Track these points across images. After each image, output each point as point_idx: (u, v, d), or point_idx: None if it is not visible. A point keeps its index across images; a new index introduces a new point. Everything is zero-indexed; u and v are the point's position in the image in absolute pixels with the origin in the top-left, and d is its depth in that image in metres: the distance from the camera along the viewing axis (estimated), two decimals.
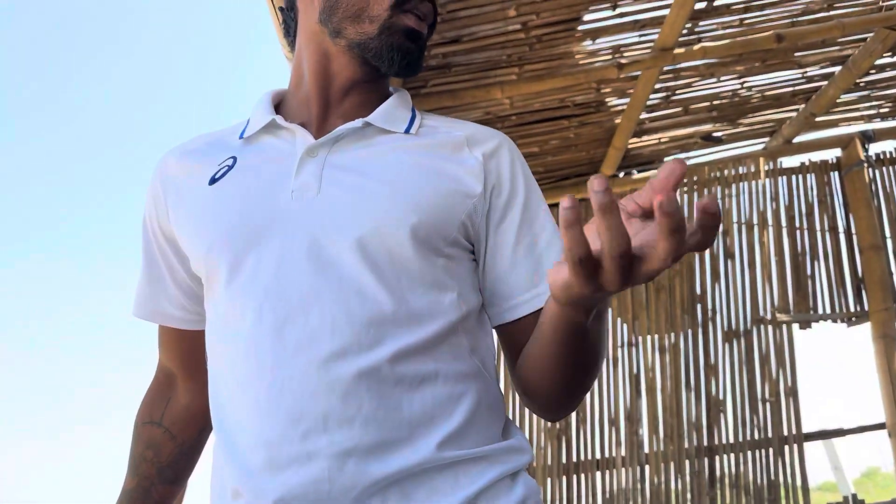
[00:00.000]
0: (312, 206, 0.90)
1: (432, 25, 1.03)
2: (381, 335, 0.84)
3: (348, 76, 1.01)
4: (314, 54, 1.02)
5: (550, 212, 1.01)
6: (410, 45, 0.97)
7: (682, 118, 3.82)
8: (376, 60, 0.98)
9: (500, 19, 2.77)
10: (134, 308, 1.08)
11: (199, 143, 1.03)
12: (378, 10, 0.97)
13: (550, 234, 0.97)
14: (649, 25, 3.00)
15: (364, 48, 0.98)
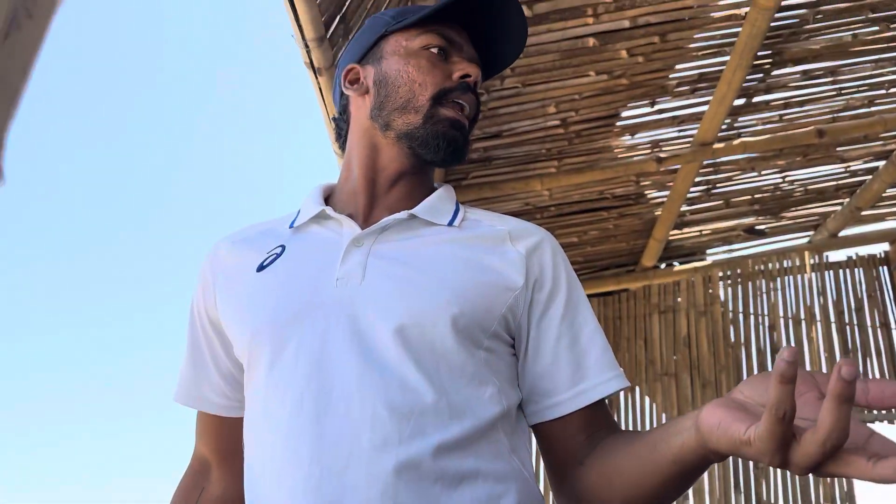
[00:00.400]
0: (356, 294, 0.90)
1: (475, 117, 1.05)
2: (422, 427, 0.83)
3: (396, 168, 1.04)
4: (364, 149, 1.05)
5: (591, 307, 1.00)
6: (454, 132, 1.00)
7: (723, 211, 3.80)
8: (423, 148, 1.00)
9: (539, 115, 2.84)
10: (176, 394, 1.08)
11: (251, 232, 1.06)
12: (422, 101, 1.00)
13: (592, 331, 0.96)
14: (688, 121, 3.03)
15: (411, 138, 1.00)
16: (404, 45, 1.03)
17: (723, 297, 4.08)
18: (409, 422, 0.82)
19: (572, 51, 2.56)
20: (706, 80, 2.82)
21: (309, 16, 1.61)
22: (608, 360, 0.95)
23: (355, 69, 1.07)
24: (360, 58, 1.07)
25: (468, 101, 1.02)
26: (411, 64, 1.01)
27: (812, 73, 2.90)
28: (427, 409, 0.83)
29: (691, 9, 2.49)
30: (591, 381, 0.93)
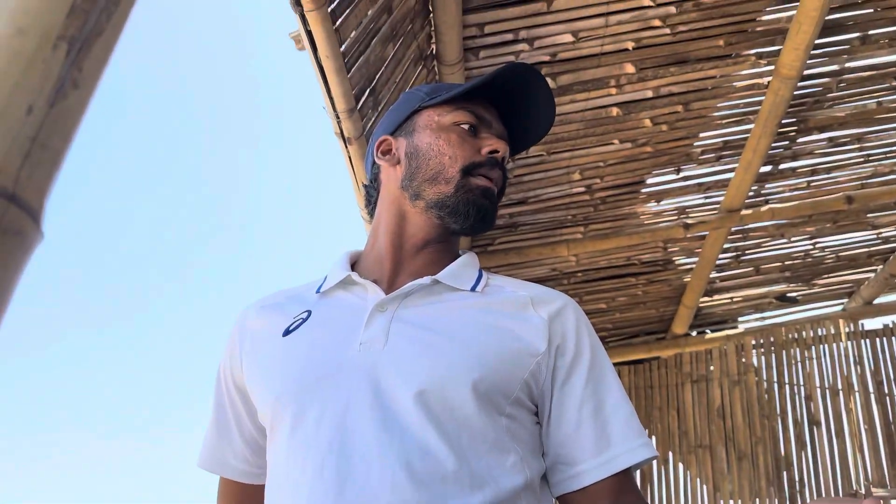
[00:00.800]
0: (378, 358, 0.91)
1: (502, 190, 1.08)
2: (442, 494, 0.82)
3: (422, 236, 1.06)
4: (393, 216, 1.08)
5: (621, 375, 1.00)
6: (484, 201, 1.02)
7: (754, 278, 3.77)
8: (452, 217, 1.02)
9: (564, 182, 2.87)
10: (199, 459, 1.09)
11: (279, 298, 1.08)
12: (452, 173, 1.03)
13: (617, 398, 0.95)
14: (714, 188, 3.04)
15: (441, 206, 1.02)
16: (436, 119, 1.06)
17: (756, 366, 4.00)
18: (429, 488, 0.82)
19: (596, 120, 2.61)
20: (731, 147, 2.85)
21: (340, 89, 1.67)
22: (634, 427, 0.93)
23: (388, 140, 1.10)
24: (394, 130, 1.10)
25: (495, 176, 1.04)
26: (442, 138, 1.04)
27: (838, 140, 2.91)
28: (448, 477, 0.83)
29: (713, 79, 2.54)
30: (617, 449, 0.91)
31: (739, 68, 2.51)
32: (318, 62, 1.59)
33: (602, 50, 2.36)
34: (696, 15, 2.30)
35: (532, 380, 0.92)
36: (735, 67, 2.51)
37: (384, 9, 1.82)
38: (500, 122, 1.09)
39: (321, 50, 1.56)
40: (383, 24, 1.84)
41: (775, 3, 2.32)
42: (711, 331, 4.14)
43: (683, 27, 2.33)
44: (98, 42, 0.49)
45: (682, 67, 2.47)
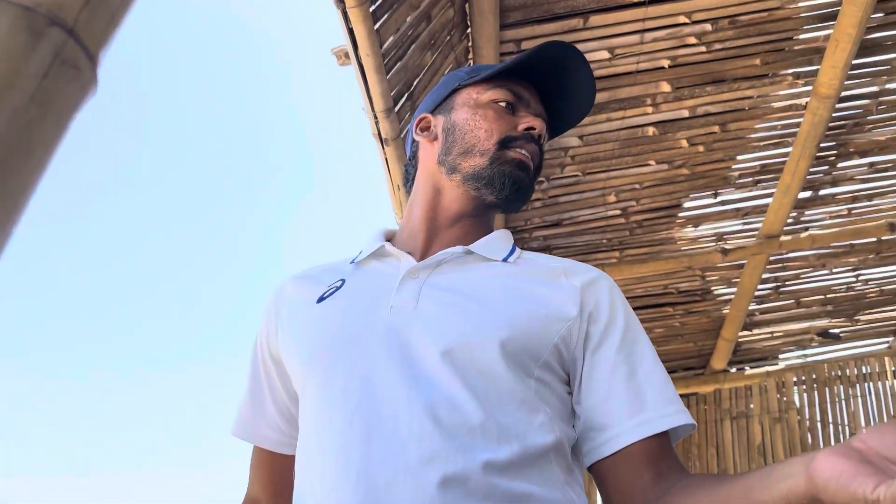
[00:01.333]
0: (408, 319, 0.92)
1: (538, 167, 1.08)
2: (470, 445, 0.81)
3: (456, 208, 1.07)
4: (429, 191, 1.10)
5: (652, 344, 0.98)
6: (520, 173, 1.02)
7: (794, 311, 3.69)
8: (489, 187, 1.02)
9: (599, 205, 2.87)
10: (233, 427, 1.10)
11: (315, 270, 1.10)
12: (487, 146, 1.04)
13: (651, 364, 0.93)
14: (753, 213, 3.02)
15: (477, 178, 1.03)
16: (475, 97, 1.08)
17: (798, 404, 3.88)
18: (456, 438, 0.81)
19: (632, 139, 2.62)
20: (769, 171, 2.83)
21: (379, 88, 1.72)
22: (669, 393, 0.91)
23: (427, 118, 1.12)
24: (434, 108, 1.13)
25: (531, 150, 1.04)
26: (479, 114, 1.06)
27: (879, 165, 2.88)
28: (475, 429, 0.83)
29: (751, 99, 2.54)
30: (651, 413, 0.88)
31: (777, 88, 2.52)
32: (358, 60, 1.63)
33: (638, 68, 2.39)
34: (733, 33, 2.32)
35: (563, 345, 0.91)
36: (772, 87, 2.51)
37: (423, 16, 1.87)
38: (540, 102, 1.10)
39: (362, 48, 1.61)
40: (422, 31, 1.89)
41: (812, 22, 2.33)
42: (751, 367, 4.04)
43: (719, 45, 2.35)
44: None
45: (719, 87, 2.48)
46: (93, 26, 0.46)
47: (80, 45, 0.44)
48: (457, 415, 0.83)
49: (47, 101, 0.42)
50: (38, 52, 0.42)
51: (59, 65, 0.43)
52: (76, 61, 0.44)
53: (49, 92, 0.42)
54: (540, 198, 2.81)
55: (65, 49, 0.43)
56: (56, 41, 0.43)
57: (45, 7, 0.44)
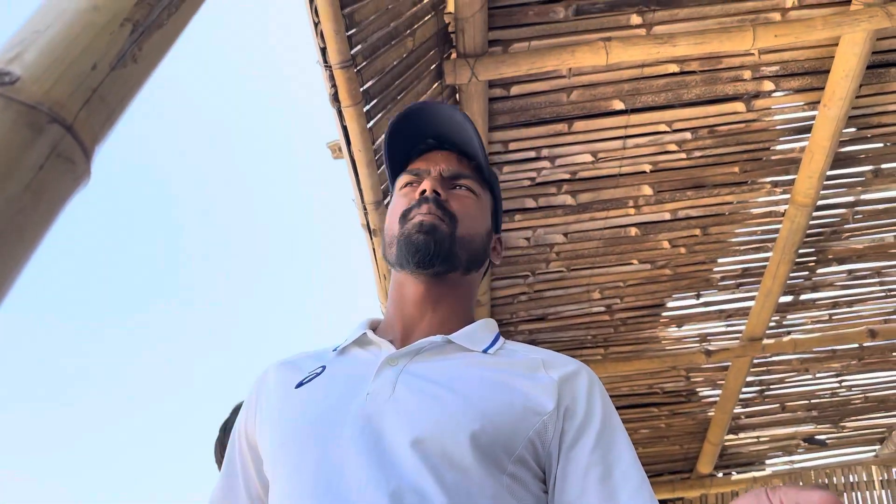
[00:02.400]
0: (383, 408, 0.92)
1: (454, 218, 1.07)
2: None
3: (413, 292, 1.09)
4: (393, 287, 1.13)
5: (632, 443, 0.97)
6: (417, 235, 1.03)
7: (780, 416, 3.68)
8: (404, 266, 1.05)
9: (584, 300, 2.91)
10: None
11: (299, 357, 1.11)
12: (393, 230, 1.07)
13: (628, 465, 0.90)
14: (735, 315, 3.05)
15: (399, 263, 1.06)
16: (393, 193, 1.14)
17: None
18: None
19: (615, 239, 2.68)
20: (750, 274, 2.89)
21: (369, 182, 1.78)
22: (645, 495, 0.88)
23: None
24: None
25: (426, 209, 1.05)
26: (392, 203, 1.11)
27: (857, 272, 2.94)
28: None
29: (730, 204, 2.62)
30: None
31: (756, 195, 2.60)
32: (350, 155, 1.70)
33: (620, 171, 2.48)
34: (712, 142, 2.43)
35: (538, 439, 0.90)
36: (751, 194, 2.60)
37: None
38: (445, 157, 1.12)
39: (354, 144, 1.68)
40: None
41: (788, 134, 2.44)
42: (738, 471, 3.99)
43: (699, 153, 2.45)
44: (159, 32, 0.58)
45: (699, 192, 2.57)
46: (90, 123, 0.50)
47: (77, 141, 0.48)
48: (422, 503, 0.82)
49: (41, 190, 0.46)
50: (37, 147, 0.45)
51: (55, 158, 0.47)
52: (72, 155, 0.48)
53: (44, 182, 0.46)
54: (525, 292, 2.85)
55: (62, 144, 0.47)
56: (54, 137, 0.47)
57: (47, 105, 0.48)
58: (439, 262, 1.04)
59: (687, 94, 2.29)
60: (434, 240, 1.04)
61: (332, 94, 1.68)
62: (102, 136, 0.52)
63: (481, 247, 1.11)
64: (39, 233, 0.46)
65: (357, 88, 1.68)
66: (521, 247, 2.68)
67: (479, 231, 1.11)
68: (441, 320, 1.09)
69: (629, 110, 2.30)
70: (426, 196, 1.06)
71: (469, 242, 1.07)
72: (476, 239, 1.10)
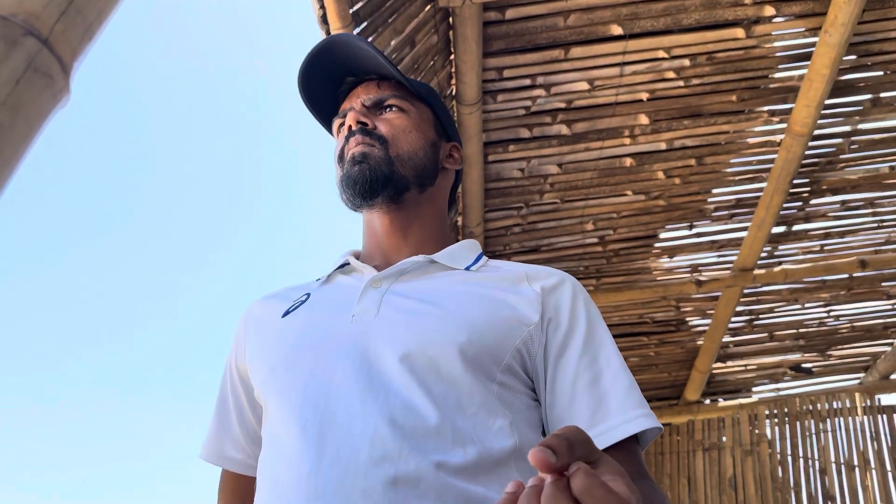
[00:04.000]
0: (369, 327, 0.92)
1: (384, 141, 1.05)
2: (423, 447, 0.80)
3: (378, 226, 1.08)
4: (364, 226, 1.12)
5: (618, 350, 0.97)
6: (352, 168, 1.03)
7: (767, 345, 3.73)
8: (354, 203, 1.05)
9: (577, 232, 2.91)
10: (201, 451, 1.10)
11: (283, 290, 1.12)
12: (337, 174, 1.07)
13: (617, 369, 0.91)
14: (727, 246, 3.06)
15: (349, 204, 1.07)
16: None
17: (770, 437, 3.91)
18: (410, 441, 0.81)
19: (610, 169, 2.66)
20: (744, 205, 2.88)
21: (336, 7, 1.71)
22: (634, 398, 0.89)
23: None
24: None
25: (354, 141, 1.04)
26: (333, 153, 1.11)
27: (851, 203, 2.94)
28: (429, 431, 0.82)
29: (727, 134, 2.59)
30: (613, 420, 0.87)
31: (752, 124, 2.57)
32: None
33: (617, 100, 2.44)
34: (710, 69, 2.38)
35: (524, 349, 0.91)
36: (748, 123, 2.57)
37: (407, 41, 1.91)
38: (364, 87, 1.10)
39: None
40: (406, 56, 1.92)
41: (787, 61, 2.39)
42: (724, 398, 4.07)
43: (697, 80, 2.40)
44: None
45: (696, 121, 2.53)
46: (68, 37, 0.48)
47: (54, 55, 0.46)
48: (412, 418, 0.83)
49: (18, 106, 0.44)
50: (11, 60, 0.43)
51: (32, 73, 0.44)
52: (49, 70, 0.45)
53: (20, 98, 0.44)
54: (519, 223, 2.84)
55: (38, 58, 0.45)
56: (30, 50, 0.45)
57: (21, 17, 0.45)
58: (382, 186, 1.04)
59: (686, 20, 2.23)
60: (369, 167, 1.04)
61: (320, 17, 1.63)
62: (81, 51, 0.49)
63: (426, 159, 1.09)
64: (19, 151, 0.44)
65: (346, 10, 1.62)
66: (515, 178, 2.66)
67: (418, 145, 1.08)
68: (418, 245, 1.09)
69: (627, 36, 2.25)
70: (351, 129, 1.05)
71: (409, 159, 1.06)
72: (418, 153, 1.08)
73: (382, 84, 1.10)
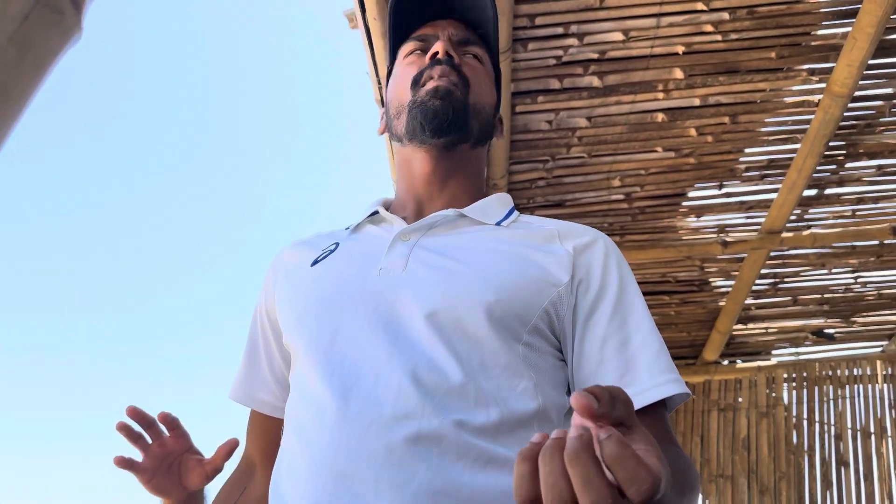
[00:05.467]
0: (396, 282, 0.92)
1: (467, 84, 1.03)
2: (446, 405, 0.81)
3: (423, 168, 1.05)
4: (401, 165, 1.10)
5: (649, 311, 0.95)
6: (434, 100, 0.99)
7: (791, 308, 3.69)
8: (418, 132, 1.01)
9: (603, 188, 2.86)
10: (230, 391, 1.12)
11: (313, 236, 1.11)
12: (404, 98, 1.03)
13: (647, 333, 0.89)
14: (756, 207, 3.00)
15: (410, 134, 1.03)
16: (395, 66, 1.09)
17: (786, 400, 3.90)
18: (433, 399, 0.81)
19: (640, 125, 2.60)
20: (776, 166, 2.81)
21: (385, 53, 1.70)
22: (664, 363, 0.88)
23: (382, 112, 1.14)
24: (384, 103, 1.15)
25: (441, 71, 1.00)
26: (396, 73, 1.07)
27: (887, 168, 2.85)
28: (453, 390, 0.82)
29: (763, 92, 2.51)
30: (642, 384, 0.85)
31: (790, 83, 2.49)
32: (365, 24, 1.62)
33: (652, 52, 2.36)
34: (750, 24, 2.29)
35: (552, 309, 0.89)
36: (786, 82, 2.48)
37: None
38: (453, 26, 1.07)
39: (369, 11, 1.59)
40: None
41: (831, 18, 2.29)
42: (743, 360, 4.06)
43: (735, 35, 2.32)
44: None
45: (732, 77, 2.46)
46: None
47: None
48: (436, 376, 0.83)
49: (26, 44, 0.42)
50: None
51: (41, 8, 0.43)
52: (59, 6, 0.44)
53: (28, 35, 0.42)
54: (544, 177, 2.80)
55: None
56: None
57: None
58: (455, 129, 1.01)
59: None
60: (451, 105, 1.00)
61: None
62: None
63: (489, 119, 1.08)
64: (27, 91, 0.43)
65: None
66: (543, 130, 2.61)
67: (489, 101, 1.07)
68: (452, 196, 1.07)
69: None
70: (439, 58, 1.01)
71: (480, 111, 1.04)
72: (486, 109, 1.07)
73: (469, 28, 1.07)
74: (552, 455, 0.51)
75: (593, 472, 0.50)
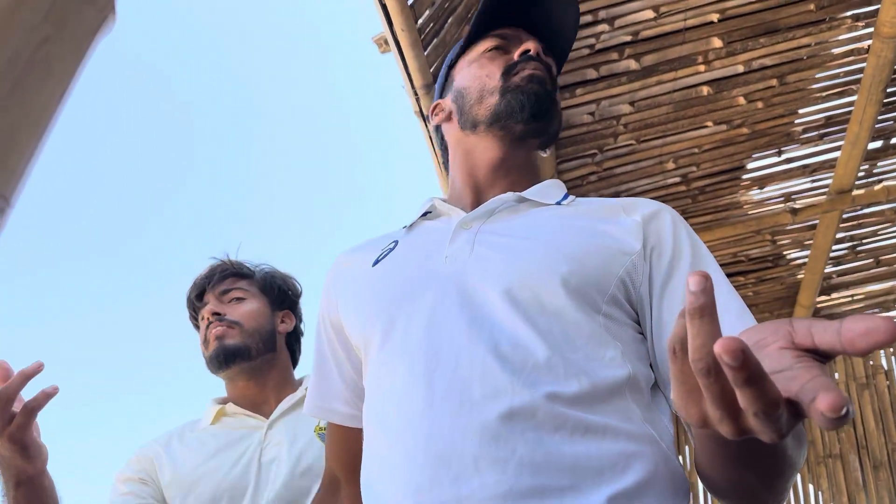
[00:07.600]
0: (464, 266, 0.91)
1: (553, 80, 1.06)
2: (535, 380, 0.79)
3: (490, 156, 1.05)
4: (461, 156, 1.09)
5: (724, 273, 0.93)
6: (534, 86, 1.01)
7: (874, 271, 3.52)
8: (511, 117, 1.01)
9: (657, 173, 2.80)
10: (305, 406, 1.11)
11: (365, 242, 1.12)
12: (493, 83, 1.04)
13: (728, 294, 0.87)
14: (821, 169, 2.89)
15: (497, 115, 1.02)
16: (468, 59, 1.10)
17: (886, 367, 3.70)
18: (521, 374, 0.80)
19: (686, 101, 2.54)
20: (835, 122, 2.71)
21: (417, 63, 1.71)
22: (748, 322, 0.85)
23: (438, 104, 1.14)
24: (441, 94, 1.16)
25: (535, 66, 1.03)
26: (475, 67, 1.07)
27: None
28: (540, 365, 0.81)
29: (808, 47, 2.43)
30: None
31: (835, 33, 2.40)
32: (394, 37, 1.63)
33: (686, 25, 2.32)
34: None
35: (628, 278, 0.88)
36: (830, 33, 2.40)
37: None
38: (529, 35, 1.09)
39: (396, 24, 1.61)
40: (458, 4, 1.87)
41: None
42: None
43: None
44: None
45: (773, 37, 2.39)
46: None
47: None
48: (521, 352, 0.82)
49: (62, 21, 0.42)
50: None
51: None
52: None
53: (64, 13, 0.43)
54: (595, 171, 2.76)
55: None
56: None
57: None
58: (547, 117, 1.02)
59: None
60: (546, 93, 1.02)
61: None
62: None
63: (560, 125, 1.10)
64: (69, 68, 0.43)
65: None
66: (586, 123, 2.57)
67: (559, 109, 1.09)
68: (511, 183, 1.08)
69: None
70: (531, 55, 1.04)
71: (559, 112, 1.07)
72: (561, 113, 1.08)
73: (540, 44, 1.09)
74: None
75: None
